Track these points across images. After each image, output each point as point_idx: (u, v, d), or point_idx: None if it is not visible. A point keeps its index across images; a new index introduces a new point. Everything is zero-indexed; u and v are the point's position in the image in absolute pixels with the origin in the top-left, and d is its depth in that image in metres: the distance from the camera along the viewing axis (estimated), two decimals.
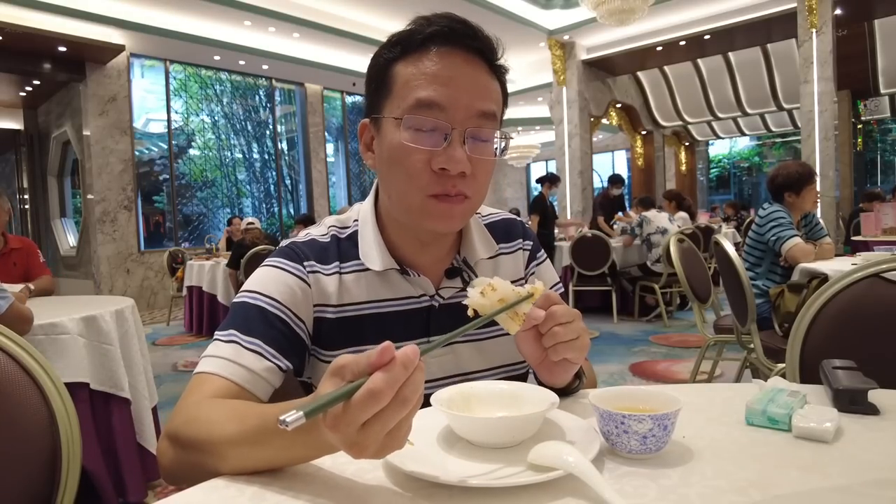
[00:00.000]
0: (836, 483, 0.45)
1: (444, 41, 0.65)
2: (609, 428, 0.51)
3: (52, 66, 6.66)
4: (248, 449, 0.50)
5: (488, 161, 0.68)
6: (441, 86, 0.64)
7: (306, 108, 9.11)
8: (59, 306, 2.01)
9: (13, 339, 0.78)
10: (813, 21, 6.35)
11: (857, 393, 0.60)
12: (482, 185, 0.70)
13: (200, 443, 0.53)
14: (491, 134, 0.68)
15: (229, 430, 0.52)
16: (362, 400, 0.39)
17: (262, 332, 0.65)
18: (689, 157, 14.83)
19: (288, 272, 0.70)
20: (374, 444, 0.41)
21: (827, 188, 6.44)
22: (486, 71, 0.68)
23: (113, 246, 6.95)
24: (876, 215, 3.90)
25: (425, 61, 0.65)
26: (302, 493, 0.47)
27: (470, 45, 0.66)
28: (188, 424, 0.56)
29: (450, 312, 0.73)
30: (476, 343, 0.76)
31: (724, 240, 2.20)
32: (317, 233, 0.76)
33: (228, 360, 0.63)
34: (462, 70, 0.65)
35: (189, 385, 0.63)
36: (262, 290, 0.68)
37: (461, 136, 0.65)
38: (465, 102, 0.65)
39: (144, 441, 1.93)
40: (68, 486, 0.75)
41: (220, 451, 0.52)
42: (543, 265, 0.86)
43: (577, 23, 7.72)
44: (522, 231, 0.85)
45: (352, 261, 0.73)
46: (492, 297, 0.57)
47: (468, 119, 0.65)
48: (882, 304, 0.92)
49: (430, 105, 0.64)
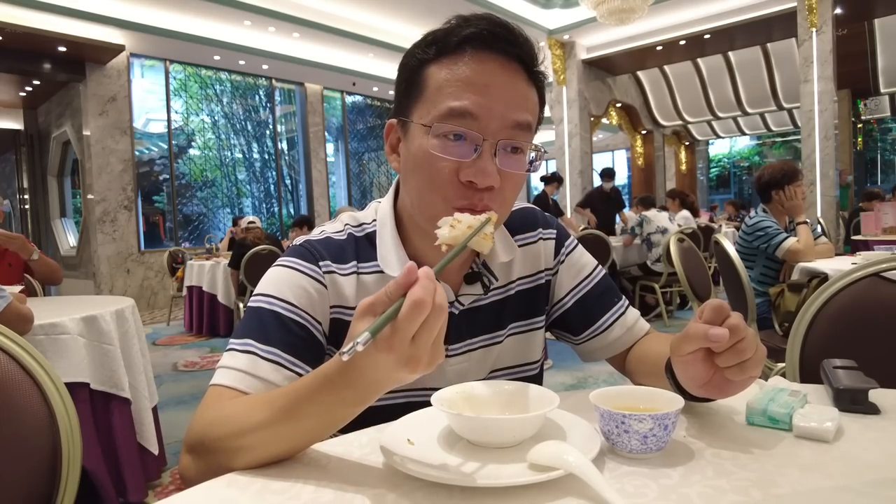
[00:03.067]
0: (837, 482, 0.45)
1: (482, 45, 0.62)
2: (610, 427, 0.51)
3: (52, 66, 6.66)
4: (283, 426, 0.51)
5: (518, 176, 0.64)
6: (475, 94, 0.61)
7: (306, 108, 9.10)
8: (59, 306, 2.00)
9: (13, 339, 0.78)
10: (813, 20, 6.35)
11: (857, 392, 0.60)
12: (509, 200, 0.66)
13: (231, 437, 0.53)
14: (525, 146, 0.64)
15: (260, 416, 0.52)
16: (409, 312, 0.42)
17: (280, 338, 0.63)
18: (689, 157, 14.82)
19: (302, 273, 0.67)
20: (425, 355, 0.44)
21: (827, 187, 6.44)
22: (524, 78, 0.64)
23: (113, 246, 6.95)
24: (876, 215, 3.89)
25: (460, 66, 0.62)
26: (302, 492, 0.47)
27: (509, 51, 0.62)
28: (213, 426, 0.55)
29: (469, 319, 0.72)
30: (489, 348, 0.74)
31: (724, 239, 2.20)
32: (332, 230, 0.73)
33: (246, 372, 0.61)
34: (498, 78, 0.62)
35: (205, 398, 0.61)
36: (276, 294, 0.65)
37: (493, 147, 0.61)
38: (499, 112, 0.61)
39: (145, 441, 1.93)
40: (68, 486, 0.75)
41: (253, 439, 0.51)
42: (576, 251, 0.81)
43: (577, 22, 7.72)
44: (542, 220, 0.81)
45: (371, 262, 0.70)
46: (460, 227, 0.55)
47: (501, 130, 0.62)
48: (882, 304, 0.92)
49: (463, 114, 0.61)
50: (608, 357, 0.80)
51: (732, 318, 0.52)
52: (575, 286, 0.80)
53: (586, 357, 0.82)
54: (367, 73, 8.89)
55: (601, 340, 0.79)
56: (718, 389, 0.55)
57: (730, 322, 0.52)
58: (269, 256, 4.39)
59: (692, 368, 0.55)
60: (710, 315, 0.53)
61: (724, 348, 0.52)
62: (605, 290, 0.80)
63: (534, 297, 0.78)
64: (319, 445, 0.57)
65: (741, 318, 0.53)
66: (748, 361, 0.52)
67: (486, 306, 0.74)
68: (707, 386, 0.55)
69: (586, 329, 0.79)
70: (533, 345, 0.78)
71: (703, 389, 0.56)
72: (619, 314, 0.79)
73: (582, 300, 0.79)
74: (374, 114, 10.95)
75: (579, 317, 0.79)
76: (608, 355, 0.80)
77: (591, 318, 0.78)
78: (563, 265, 0.80)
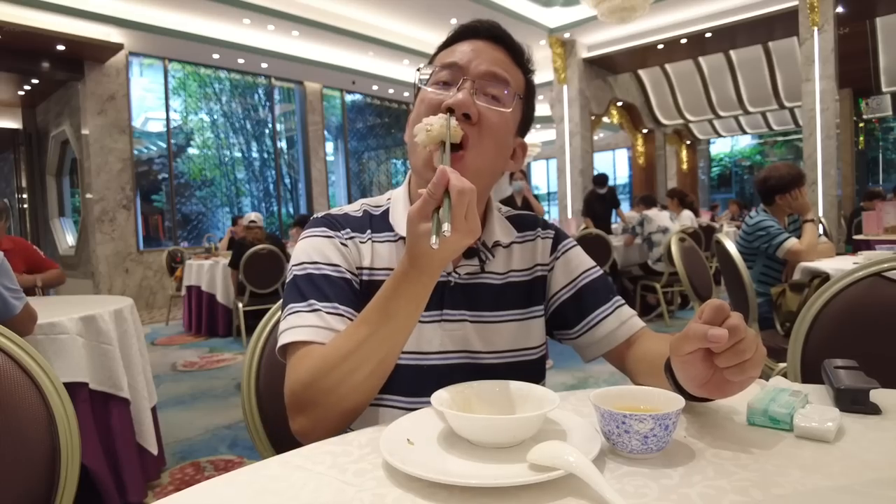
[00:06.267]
0: (838, 483, 0.45)
1: (473, 33, 0.77)
2: (610, 428, 0.51)
3: (50, 64, 6.66)
4: (383, 329, 0.61)
5: (496, 113, 0.72)
6: (461, 53, 0.74)
7: (305, 107, 9.10)
8: (58, 306, 2.00)
9: (12, 340, 0.77)
10: (814, 19, 6.34)
11: (858, 392, 0.60)
12: (487, 145, 0.72)
13: (337, 367, 0.61)
14: (501, 93, 0.73)
15: (359, 334, 0.62)
16: (459, 199, 0.55)
17: (336, 294, 0.70)
18: (690, 156, 14.82)
19: (329, 238, 0.76)
20: (475, 224, 0.57)
21: (829, 186, 6.44)
22: (506, 54, 0.76)
23: (112, 245, 6.95)
24: (878, 214, 3.89)
25: (456, 45, 0.76)
26: (302, 492, 0.47)
27: (494, 35, 0.76)
28: (314, 371, 0.63)
29: (464, 290, 0.76)
30: (485, 325, 0.76)
31: (725, 239, 2.20)
32: (350, 209, 0.82)
33: (317, 327, 0.67)
34: (482, 45, 0.75)
35: (290, 359, 0.67)
36: (320, 259, 0.73)
37: (471, 86, 0.71)
38: (478, 63, 0.73)
39: (144, 441, 1.93)
40: (67, 487, 0.74)
41: (359, 357, 0.61)
42: (573, 250, 0.86)
43: (578, 21, 7.72)
44: (542, 223, 0.87)
45: (384, 232, 0.78)
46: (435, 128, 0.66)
47: (479, 76, 0.72)
48: (884, 303, 0.92)
49: (450, 65, 0.74)
50: (605, 352, 0.81)
51: (732, 318, 0.52)
52: (570, 281, 0.83)
53: (585, 354, 0.83)
54: (367, 72, 8.89)
55: (595, 333, 0.80)
56: (718, 389, 0.56)
57: (729, 322, 0.52)
58: (269, 256, 4.38)
59: (692, 368, 0.55)
60: (710, 315, 0.53)
61: (724, 349, 0.52)
62: (600, 286, 0.83)
63: (530, 289, 0.81)
64: (319, 445, 0.57)
65: (741, 319, 0.53)
66: (748, 362, 0.52)
67: (483, 287, 0.77)
68: (707, 386, 0.56)
69: (580, 321, 0.81)
70: (532, 331, 0.80)
71: (703, 389, 0.56)
72: (614, 308, 0.81)
73: (577, 294, 0.82)
74: (374, 112, 10.95)
75: (573, 309, 0.81)
76: (605, 349, 0.81)
77: (585, 311, 0.81)
78: (558, 261, 0.84)
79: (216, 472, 2.18)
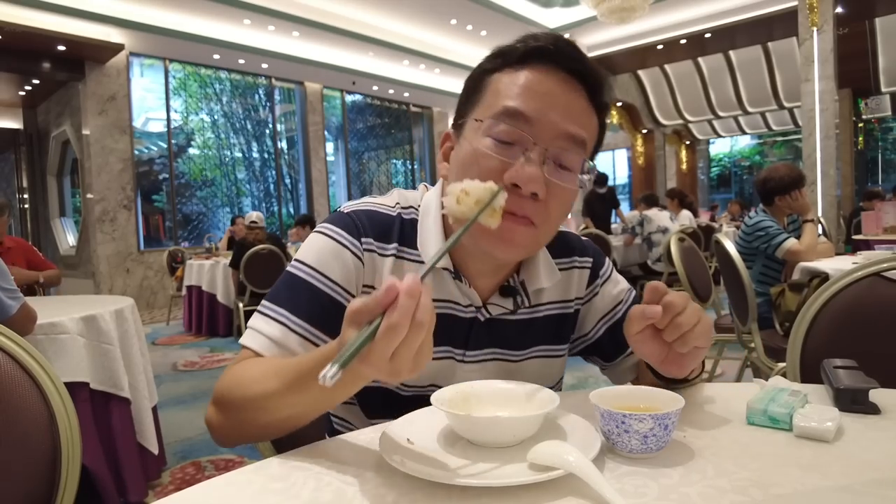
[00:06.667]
0: (837, 482, 0.45)
1: (547, 58, 0.62)
2: (610, 427, 0.51)
3: (51, 65, 6.66)
4: (292, 397, 0.55)
5: (566, 191, 0.62)
6: (532, 99, 0.61)
7: (306, 107, 9.10)
8: (58, 306, 2.00)
9: (13, 339, 0.77)
10: (814, 19, 6.34)
11: (858, 392, 0.60)
12: (554, 217, 0.63)
13: (247, 401, 0.58)
14: (576, 162, 0.63)
15: (272, 385, 0.56)
16: (384, 336, 0.43)
17: (311, 312, 0.65)
18: (689, 156, 14.82)
19: (343, 246, 0.67)
20: (405, 367, 0.45)
21: (828, 187, 6.43)
22: (584, 97, 0.64)
23: (112, 245, 6.95)
24: (877, 214, 3.89)
25: (521, 74, 0.63)
26: (302, 492, 0.47)
27: (572, 67, 0.63)
28: (235, 386, 0.60)
29: (491, 329, 0.71)
30: (509, 364, 0.73)
31: (724, 239, 2.20)
32: (383, 204, 0.71)
33: (275, 342, 0.64)
34: (557, 88, 0.62)
35: (237, 357, 0.65)
36: (316, 265, 0.66)
37: (542, 155, 0.60)
38: (553, 121, 0.61)
39: (144, 441, 1.93)
40: (68, 487, 0.74)
41: (266, 404, 0.57)
42: (611, 280, 0.79)
43: (578, 21, 7.72)
44: (579, 246, 0.78)
45: (414, 249, 0.69)
46: (467, 202, 0.54)
47: (554, 139, 0.61)
48: (883, 303, 0.92)
49: (517, 115, 0.61)
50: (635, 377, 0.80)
51: (669, 295, 0.56)
52: (606, 314, 0.79)
53: (616, 379, 0.82)
54: (367, 72, 8.88)
55: (630, 360, 0.80)
56: (676, 365, 0.60)
57: (665, 299, 0.56)
58: (269, 256, 4.38)
59: (645, 347, 0.59)
60: (649, 296, 0.58)
61: (665, 324, 0.57)
62: None
63: (561, 324, 0.77)
64: (319, 445, 0.57)
65: (680, 296, 0.57)
66: (689, 333, 0.56)
67: (512, 322, 0.73)
68: (666, 362, 0.60)
69: (619, 355, 0.80)
70: (553, 370, 0.78)
71: (664, 366, 0.61)
72: None
73: (612, 328, 0.79)
74: (374, 113, 10.95)
75: (611, 344, 0.79)
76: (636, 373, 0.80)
77: (623, 344, 0.77)
78: (596, 297, 0.79)
79: (217, 471, 2.18)
